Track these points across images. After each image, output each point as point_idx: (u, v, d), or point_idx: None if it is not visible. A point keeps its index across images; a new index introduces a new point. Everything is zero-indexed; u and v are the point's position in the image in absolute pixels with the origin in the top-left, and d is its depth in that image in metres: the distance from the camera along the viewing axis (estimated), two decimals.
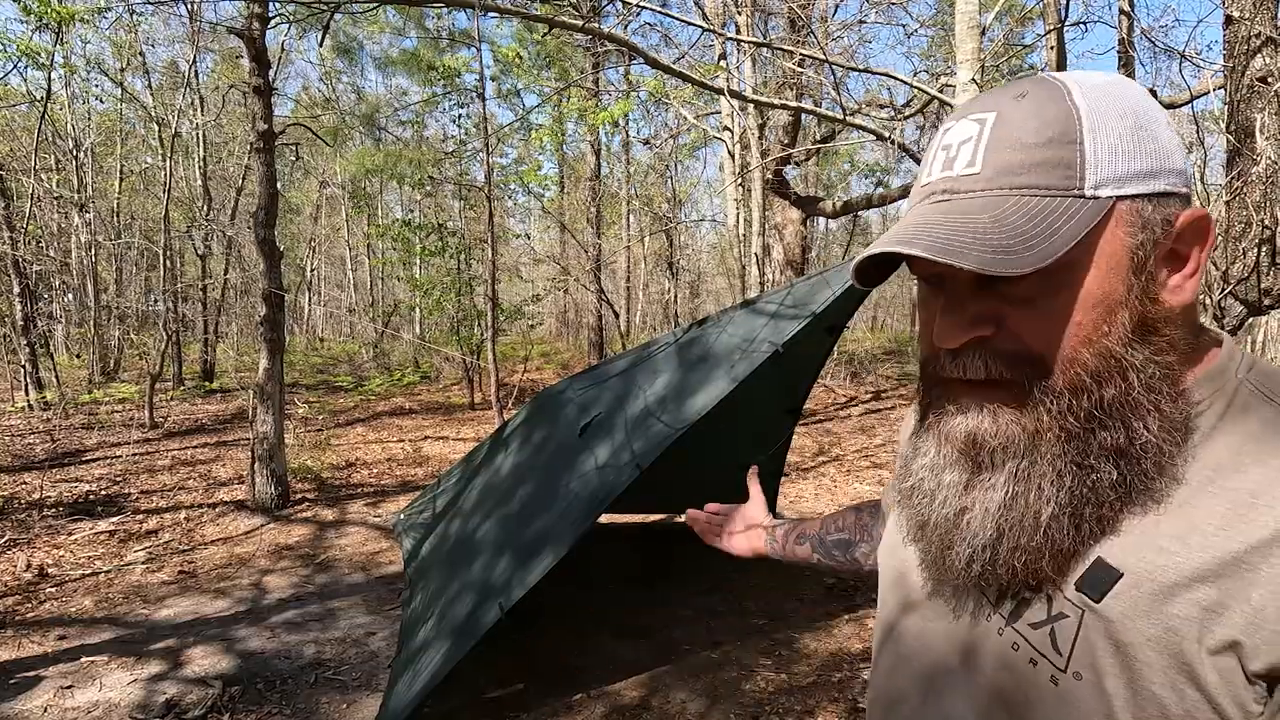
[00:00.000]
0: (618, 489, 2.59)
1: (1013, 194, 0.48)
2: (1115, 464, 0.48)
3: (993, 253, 0.45)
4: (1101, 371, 0.48)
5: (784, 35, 8.66)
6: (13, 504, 5.27)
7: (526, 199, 16.79)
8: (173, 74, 15.91)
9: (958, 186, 0.51)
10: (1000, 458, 0.51)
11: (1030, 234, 0.46)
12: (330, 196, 21.02)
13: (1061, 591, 0.50)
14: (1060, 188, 0.48)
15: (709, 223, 18.21)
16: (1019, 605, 0.52)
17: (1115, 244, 0.48)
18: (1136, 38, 4.47)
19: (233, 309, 17.34)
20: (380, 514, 5.25)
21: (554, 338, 21.46)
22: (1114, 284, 0.48)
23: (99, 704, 2.79)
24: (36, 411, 9.03)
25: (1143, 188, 0.48)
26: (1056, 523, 0.48)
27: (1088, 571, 0.48)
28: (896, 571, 0.67)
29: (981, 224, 0.48)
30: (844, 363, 11.91)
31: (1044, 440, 0.49)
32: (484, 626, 2.46)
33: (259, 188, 5.30)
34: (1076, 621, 0.48)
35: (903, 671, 0.64)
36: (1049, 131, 0.48)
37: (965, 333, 0.51)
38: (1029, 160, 0.48)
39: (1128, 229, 0.48)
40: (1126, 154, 0.48)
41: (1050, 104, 0.49)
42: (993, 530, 0.50)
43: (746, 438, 4.07)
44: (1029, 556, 0.49)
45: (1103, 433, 0.48)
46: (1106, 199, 0.47)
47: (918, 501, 0.57)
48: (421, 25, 17.43)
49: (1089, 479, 0.48)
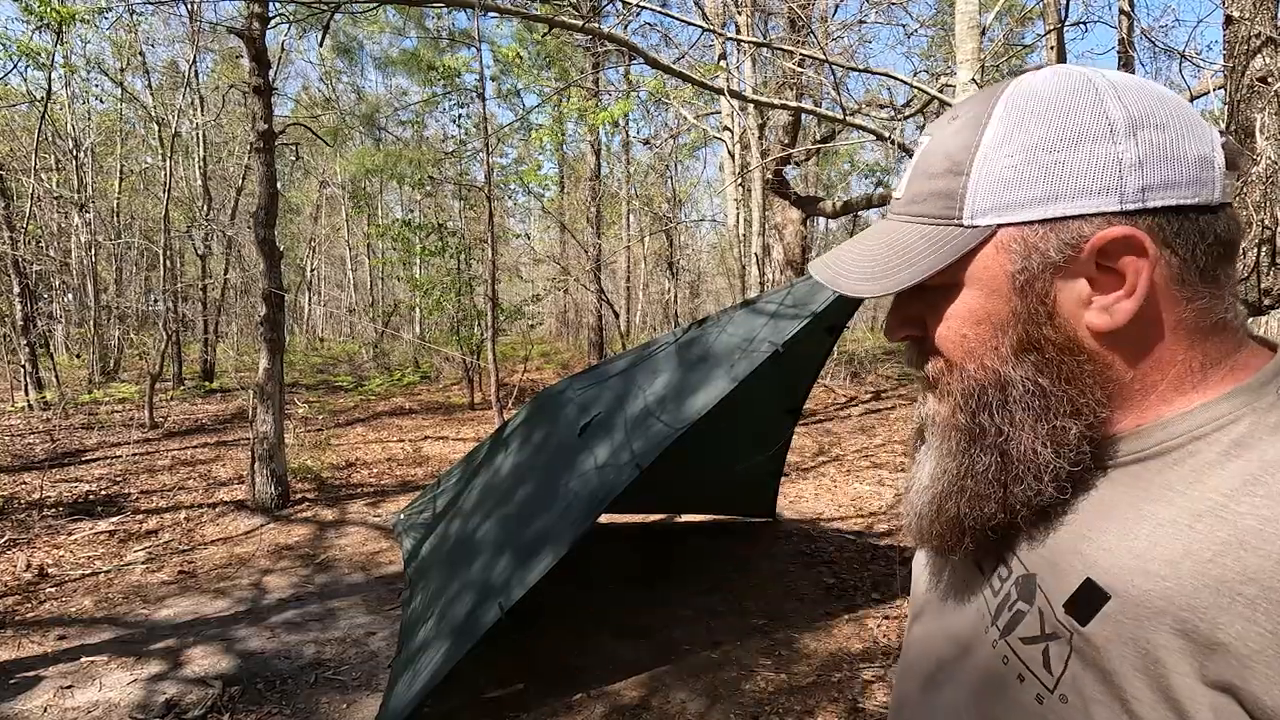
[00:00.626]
0: (617, 489, 2.59)
1: (910, 221, 0.54)
2: (994, 457, 0.52)
3: (860, 279, 0.54)
4: (984, 380, 0.52)
5: (784, 35, 8.66)
6: (13, 504, 5.27)
7: (526, 199, 16.81)
8: (173, 74, 15.91)
9: (891, 209, 0.58)
10: (929, 437, 0.58)
11: (895, 262, 0.53)
12: (330, 196, 21.02)
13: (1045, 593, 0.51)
14: (943, 217, 0.52)
15: (709, 223, 18.23)
16: (1014, 618, 0.52)
17: (995, 268, 0.51)
18: (1136, 38, 4.47)
19: (233, 309, 17.35)
20: (380, 514, 5.25)
21: (554, 338, 21.46)
22: (996, 305, 0.51)
23: (99, 704, 2.79)
24: (36, 411, 9.03)
25: (1031, 214, 0.49)
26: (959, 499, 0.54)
27: (1077, 592, 0.48)
28: (915, 574, 0.70)
29: (875, 248, 0.55)
30: (844, 363, 11.91)
31: (951, 428, 0.55)
32: (484, 626, 2.46)
33: (259, 188, 5.30)
34: (1067, 643, 0.47)
35: (910, 671, 0.65)
36: (945, 163, 0.52)
37: (897, 331, 0.59)
38: (927, 190, 0.53)
39: (1009, 254, 0.50)
40: (1018, 182, 0.49)
41: (963, 132, 0.52)
42: (925, 496, 0.57)
43: (746, 438, 4.07)
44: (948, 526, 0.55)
45: (987, 432, 0.53)
46: (985, 226, 0.50)
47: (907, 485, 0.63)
48: (421, 25, 17.43)
49: (977, 464, 0.53)
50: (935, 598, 0.63)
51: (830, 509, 5.34)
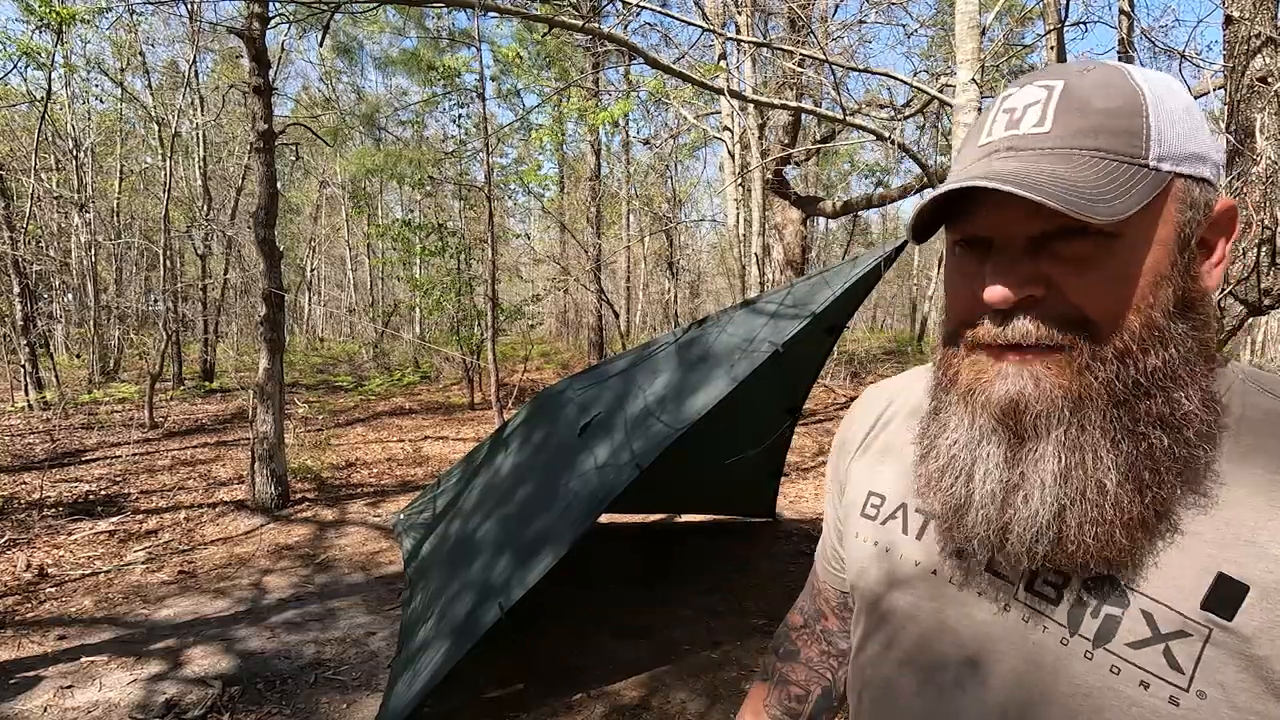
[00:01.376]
0: (617, 489, 2.59)
1: (1083, 153, 0.49)
2: (1164, 431, 0.48)
3: (1075, 197, 0.45)
4: (1147, 340, 0.48)
5: (784, 35, 8.66)
6: (13, 504, 5.27)
7: (526, 199, 16.80)
8: (173, 74, 15.91)
9: (1024, 144, 0.51)
10: (1044, 425, 0.49)
11: (1105, 189, 0.46)
12: (330, 196, 21.01)
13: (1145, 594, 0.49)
14: (1127, 154, 0.48)
15: (709, 223, 18.21)
16: (1106, 624, 0.50)
17: (1170, 218, 0.49)
18: (1136, 38, 4.47)
19: (233, 309, 17.35)
20: (380, 514, 5.25)
21: (554, 338, 21.46)
22: (1162, 257, 0.49)
23: (99, 704, 2.79)
24: (36, 411, 9.03)
25: (1195, 170, 0.50)
26: (1123, 490, 0.48)
27: (1214, 588, 0.47)
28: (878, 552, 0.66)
29: (1061, 172, 0.47)
30: (844, 363, 11.92)
31: (1090, 407, 0.49)
32: (484, 626, 2.46)
33: (259, 188, 5.30)
34: (1201, 640, 0.46)
35: (899, 660, 0.62)
36: (1117, 101, 0.49)
37: (1019, 290, 0.49)
38: (1098, 125, 0.49)
39: (1179, 206, 0.49)
40: (1184, 135, 0.49)
41: (1116, 78, 0.50)
42: (1053, 505, 0.49)
43: (746, 438, 4.07)
44: (1100, 530, 0.48)
45: (1148, 401, 0.48)
46: (1166, 173, 0.48)
47: (952, 483, 0.54)
48: (421, 25, 17.43)
49: (1143, 445, 0.48)
50: (938, 588, 0.59)
51: None
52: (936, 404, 0.58)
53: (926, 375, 0.63)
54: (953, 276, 0.56)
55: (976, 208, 0.51)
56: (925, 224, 0.55)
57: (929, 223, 0.55)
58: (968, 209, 0.52)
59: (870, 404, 0.77)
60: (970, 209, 0.52)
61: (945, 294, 0.58)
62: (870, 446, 0.73)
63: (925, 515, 0.62)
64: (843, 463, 0.77)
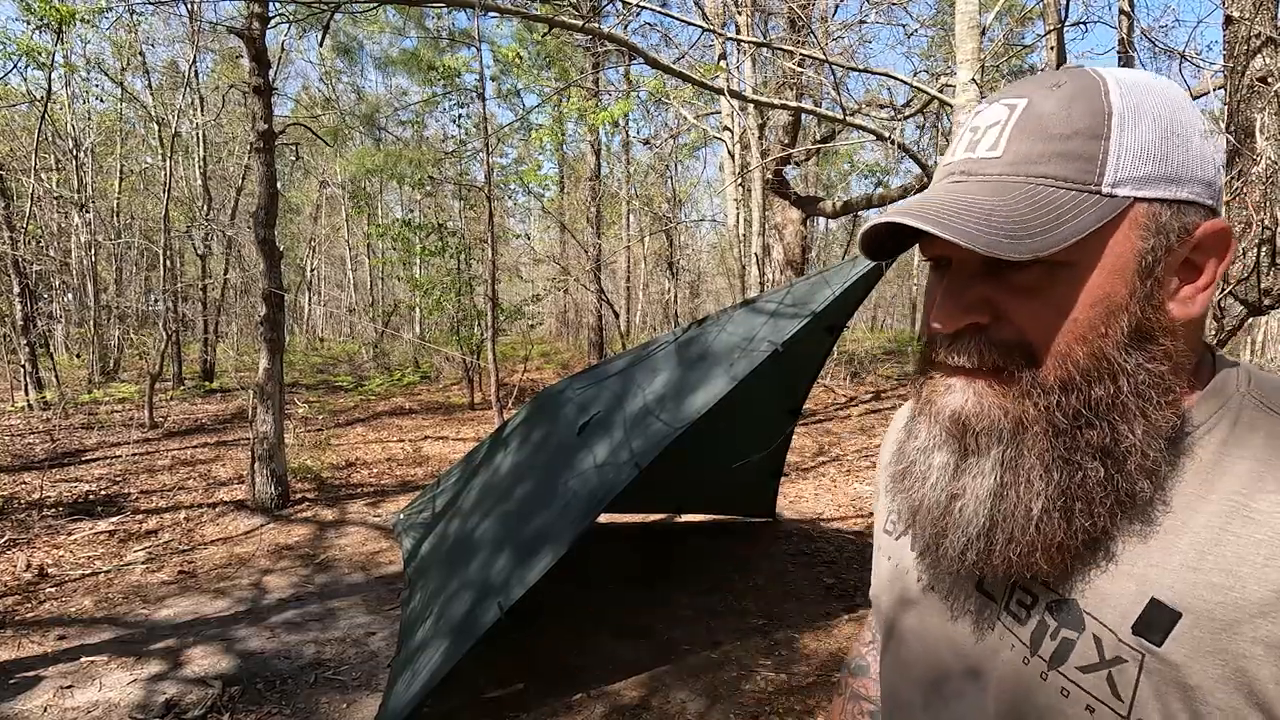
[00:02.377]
0: (617, 488, 2.59)
1: (1028, 182, 0.48)
2: (1101, 463, 0.47)
3: (993, 235, 0.45)
4: (1092, 371, 0.48)
5: (784, 35, 8.65)
6: (13, 504, 5.27)
7: (526, 199, 16.81)
8: (173, 74, 15.91)
9: (976, 169, 0.51)
10: (985, 442, 0.50)
11: (1034, 223, 0.46)
12: (330, 196, 21.01)
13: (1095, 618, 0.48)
14: (1077, 181, 0.47)
15: (709, 223, 18.22)
16: (1062, 647, 0.50)
17: (1124, 245, 0.47)
18: (1136, 38, 4.47)
19: (233, 309, 17.35)
20: (380, 514, 5.25)
21: (554, 338, 21.46)
22: (1116, 286, 0.48)
23: (99, 704, 2.79)
24: (36, 411, 9.03)
25: (1164, 193, 0.48)
26: (1048, 517, 0.48)
27: (1144, 613, 0.46)
28: (893, 569, 0.67)
29: (989, 206, 0.47)
30: (844, 363, 11.91)
31: (1029, 431, 0.49)
32: (483, 626, 2.46)
33: (259, 188, 5.30)
34: (1137, 666, 0.46)
35: (908, 674, 0.63)
36: (1076, 124, 0.48)
37: (962, 317, 0.51)
38: (1050, 150, 0.48)
39: (1140, 232, 0.48)
40: (1153, 157, 0.47)
41: (1083, 97, 0.48)
42: (985, 519, 0.50)
43: (746, 437, 4.07)
44: (1022, 549, 0.49)
45: (1089, 431, 0.48)
46: (1123, 198, 0.47)
47: (910, 485, 0.56)
48: (421, 25, 17.43)
49: (1077, 475, 0.48)
50: (937, 604, 0.60)
51: (830, 509, 5.34)
52: (913, 415, 0.59)
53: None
54: (926, 292, 0.57)
55: (931, 237, 0.51)
56: (876, 247, 0.56)
57: (882, 246, 0.56)
58: (925, 239, 0.53)
59: (899, 421, 0.78)
60: (927, 239, 0.52)
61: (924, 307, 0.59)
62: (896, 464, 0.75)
63: None
64: (880, 481, 0.78)
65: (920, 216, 0.47)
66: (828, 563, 4.21)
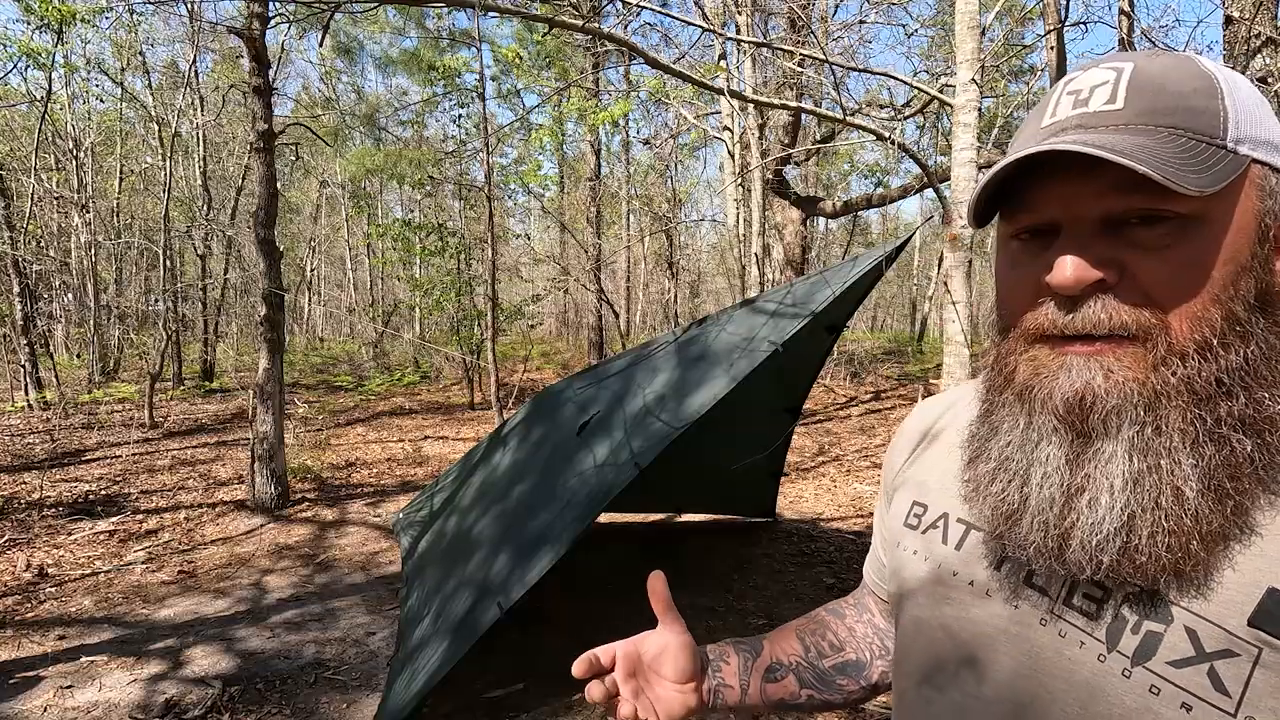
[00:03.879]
0: (617, 488, 2.59)
1: (1161, 130, 0.46)
2: (1246, 435, 0.44)
3: (1165, 165, 0.42)
4: (1227, 334, 0.44)
5: (784, 35, 8.65)
6: (13, 504, 5.26)
7: (526, 199, 16.81)
8: (173, 74, 15.89)
9: (1095, 121, 0.47)
10: (1114, 423, 0.45)
11: (1189, 163, 0.43)
12: (330, 196, 21.02)
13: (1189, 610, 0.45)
14: (1206, 134, 0.45)
15: (709, 223, 18.21)
16: (1147, 641, 0.46)
17: (1248, 204, 0.46)
18: (1136, 38, 4.47)
19: (233, 309, 17.34)
20: (380, 514, 5.25)
21: (554, 338, 21.46)
22: (1242, 245, 0.45)
23: (99, 704, 2.79)
24: (36, 411, 9.03)
25: (1272, 157, 0.47)
26: (1203, 500, 0.44)
27: (1263, 604, 0.43)
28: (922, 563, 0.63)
29: (1137, 143, 0.44)
30: (844, 363, 11.91)
31: (1168, 405, 0.44)
32: (483, 626, 2.46)
33: (259, 188, 5.30)
34: (1251, 660, 0.43)
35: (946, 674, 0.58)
36: (1192, 83, 0.47)
37: (1092, 272, 0.45)
38: (1174, 104, 0.46)
39: (1259, 192, 0.46)
40: (1258, 121, 0.47)
41: (1185, 62, 0.48)
42: (1122, 513, 0.45)
43: (746, 437, 4.07)
44: (1175, 540, 0.44)
45: (1229, 401, 0.44)
46: (1244, 156, 0.45)
47: (1002, 487, 0.50)
48: (421, 25, 17.43)
49: (1225, 450, 0.44)
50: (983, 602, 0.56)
51: (830, 509, 5.34)
52: (988, 405, 0.54)
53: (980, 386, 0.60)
54: (1006, 271, 0.52)
55: (1039, 192, 0.48)
56: (986, 204, 0.51)
57: (989, 203, 0.51)
58: (1028, 195, 0.49)
59: (922, 416, 0.75)
60: (1032, 195, 0.49)
61: (997, 290, 0.53)
62: (919, 459, 0.71)
63: (966, 525, 0.60)
64: (891, 474, 0.75)
65: (1089, 146, 0.43)
66: (828, 563, 4.21)
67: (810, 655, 0.78)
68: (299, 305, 21.78)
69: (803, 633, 0.81)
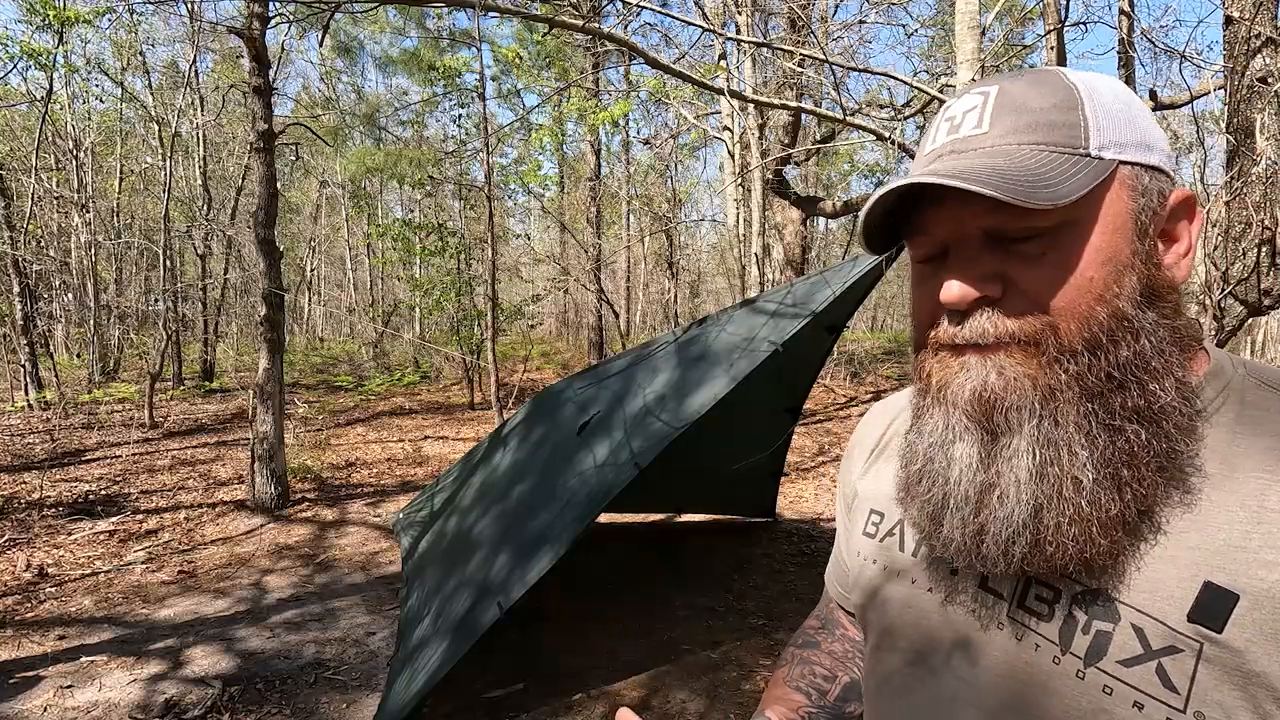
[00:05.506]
0: (617, 488, 2.59)
1: (1023, 147, 0.49)
2: (1141, 424, 0.46)
3: (1014, 185, 0.45)
4: (1116, 330, 0.47)
5: (784, 35, 8.65)
6: (13, 504, 5.26)
7: (526, 199, 16.81)
8: (173, 74, 15.88)
9: (965, 146, 0.51)
10: (1016, 419, 0.48)
11: (1045, 177, 0.46)
12: (330, 196, 21.01)
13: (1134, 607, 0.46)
14: (1067, 145, 0.48)
15: (709, 223, 18.21)
16: (1098, 641, 0.47)
17: (1119, 205, 0.49)
18: (1136, 38, 4.47)
19: (233, 309, 17.34)
20: (380, 514, 5.25)
21: (554, 338, 21.45)
22: (1120, 244, 0.48)
23: (99, 704, 2.79)
24: (36, 411, 9.03)
25: (1141, 157, 0.49)
26: (1100, 488, 0.45)
27: (1200, 598, 0.44)
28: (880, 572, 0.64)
29: (998, 166, 0.47)
30: (844, 363, 11.91)
31: (1062, 400, 0.47)
32: (483, 626, 2.46)
33: (259, 187, 5.30)
34: (1194, 655, 0.43)
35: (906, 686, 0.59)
36: (1052, 98, 0.50)
37: (977, 288, 0.49)
38: (1035, 121, 0.49)
39: (1129, 192, 0.49)
40: (1125, 123, 0.50)
41: (1047, 78, 0.51)
42: (1029, 504, 0.47)
43: (746, 437, 4.07)
44: (1078, 529, 0.46)
45: (1122, 394, 0.46)
46: (1110, 160, 0.48)
47: (929, 487, 0.52)
48: (422, 25, 17.43)
49: (1119, 439, 0.46)
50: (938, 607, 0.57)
51: (830, 509, 5.33)
52: (916, 410, 0.56)
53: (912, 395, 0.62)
54: (914, 290, 0.56)
55: (929, 218, 0.51)
56: (878, 234, 0.55)
57: (884, 234, 0.55)
58: (920, 221, 0.52)
59: (874, 421, 0.75)
60: (923, 221, 0.52)
61: (910, 307, 0.57)
62: (873, 465, 0.71)
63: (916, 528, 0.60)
64: (849, 481, 0.75)
65: (942, 176, 0.46)
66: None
67: (815, 699, 0.78)
68: (299, 305, 21.78)
69: (796, 681, 0.80)
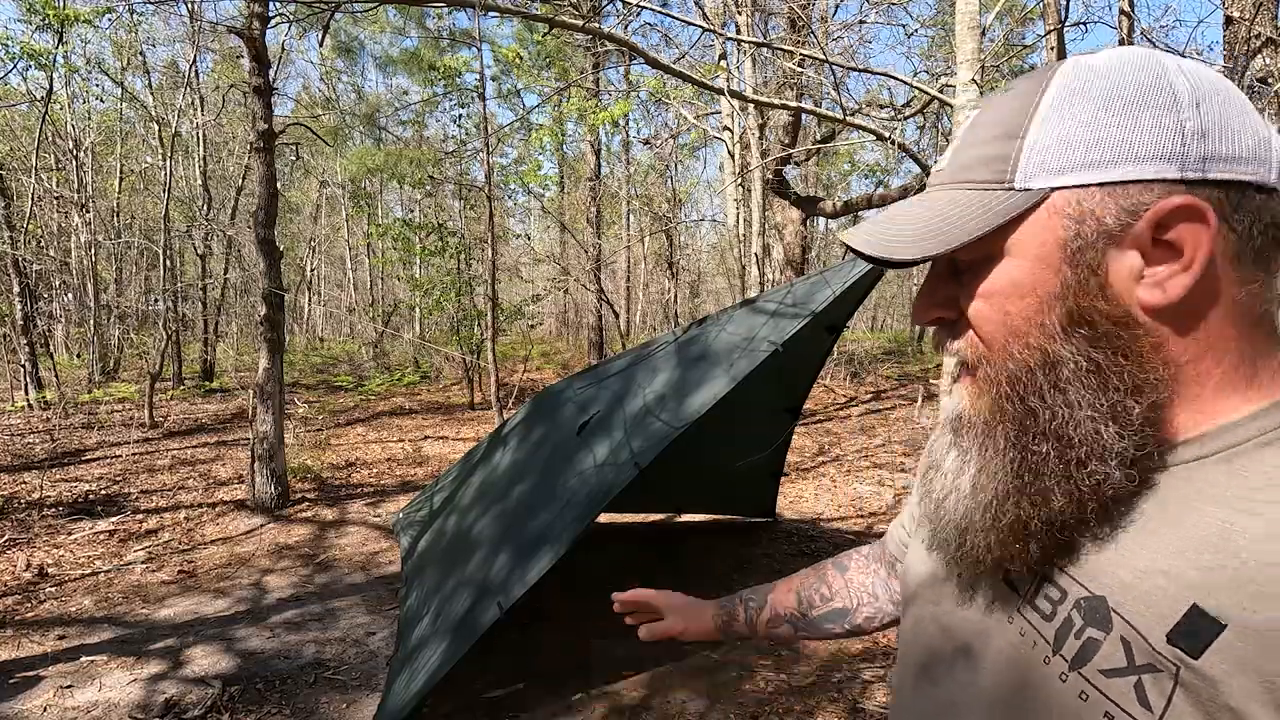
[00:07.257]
0: (616, 488, 2.59)
1: (955, 188, 0.52)
2: (1049, 443, 0.48)
3: (900, 245, 0.50)
4: (1031, 361, 0.49)
5: (784, 35, 8.65)
6: (13, 504, 5.27)
7: (526, 199, 16.81)
8: (173, 74, 15.88)
9: (933, 181, 0.55)
10: (969, 439, 0.53)
11: (939, 228, 0.50)
12: (330, 196, 21.02)
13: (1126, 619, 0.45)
14: (992, 181, 0.49)
15: (709, 223, 18.21)
16: (1086, 647, 0.47)
17: (1046, 235, 0.47)
18: (1137, 38, 4.47)
19: (233, 309, 17.34)
20: (380, 514, 5.25)
21: (554, 338, 21.46)
22: (1044, 276, 0.48)
23: (99, 704, 2.79)
24: (36, 411, 9.03)
25: (1090, 177, 0.46)
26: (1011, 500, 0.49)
27: (1183, 620, 0.42)
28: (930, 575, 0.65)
29: (918, 216, 0.52)
30: (844, 363, 11.91)
31: (996, 425, 0.51)
32: (483, 626, 2.46)
33: (259, 187, 5.30)
34: (1171, 678, 0.42)
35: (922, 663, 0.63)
36: (999, 128, 0.50)
37: (927, 313, 0.55)
38: (976, 156, 0.51)
39: (1062, 220, 0.47)
40: (1079, 144, 0.46)
41: (1019, 98, 0.50)
42: (963, 510, 0.53)
43: (746, 437, 4.07)
44: (996, 536, 0.51)
45: (1038, 417, 0.49)
46: (1038, 190, 0.47)
47: (929, 485, 0.58)
48: (422, 25, 17.44)
49: (1028, 457, 0.49)
50: (956, 593, 0.59)
51: (830, 509, 5.33)
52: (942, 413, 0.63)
53: None
54: None
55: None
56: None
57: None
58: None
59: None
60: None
61: None
62: None
63: None
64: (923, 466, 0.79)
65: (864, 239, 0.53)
66: None
67: (802, 607, 0.93)
68: (299, 305, 21.77)
69: (801, 587, 0.95)
